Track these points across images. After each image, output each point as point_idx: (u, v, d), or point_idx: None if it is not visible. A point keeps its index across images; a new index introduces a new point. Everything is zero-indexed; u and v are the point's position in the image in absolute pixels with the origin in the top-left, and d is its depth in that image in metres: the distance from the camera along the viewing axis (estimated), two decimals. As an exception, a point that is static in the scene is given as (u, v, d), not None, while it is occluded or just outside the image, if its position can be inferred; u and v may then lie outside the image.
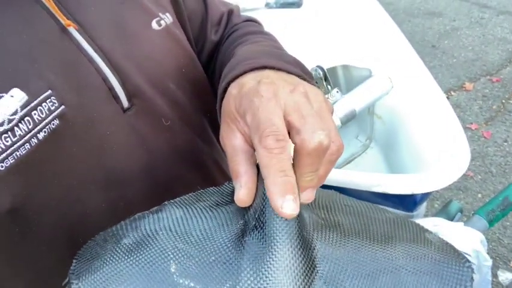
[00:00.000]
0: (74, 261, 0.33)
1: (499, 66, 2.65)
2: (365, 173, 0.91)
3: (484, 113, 2.35)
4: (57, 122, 0.39)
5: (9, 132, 0.36)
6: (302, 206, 0.31)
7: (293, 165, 0.31)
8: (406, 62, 1.15)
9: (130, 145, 0.46)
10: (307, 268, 0.30)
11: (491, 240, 1.77)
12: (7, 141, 0.36)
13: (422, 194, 0.93)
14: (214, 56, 0.60)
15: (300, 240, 0.30)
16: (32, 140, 0.37)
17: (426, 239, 0.34)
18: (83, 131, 0.41)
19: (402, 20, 3.24)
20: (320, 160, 0.31)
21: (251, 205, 0.33)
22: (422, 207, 1.02)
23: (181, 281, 0.30)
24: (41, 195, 0.40)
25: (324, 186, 0.36)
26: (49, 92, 0.38)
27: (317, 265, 0.30)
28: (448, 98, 2.49)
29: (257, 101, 0.32)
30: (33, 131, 0.37)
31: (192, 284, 0.30)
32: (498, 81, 2.54)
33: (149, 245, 0.33)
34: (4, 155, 0.36)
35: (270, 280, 0.29)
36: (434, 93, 1.05)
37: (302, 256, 0.30)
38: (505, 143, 2.16)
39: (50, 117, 0.38)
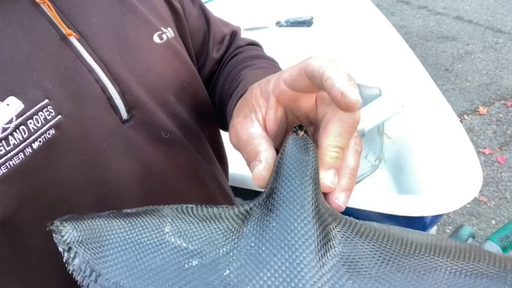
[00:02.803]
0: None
1: (513, 91, 2.63)
2: (373, 194, 0.89)
3: (498, 138, 2.31)
4: (53, 131, 0.38)
5: (3, 141, 0.35)
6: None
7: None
8: (417, 83, 1.14)
9: (127, 157, 0.45)
10: (320, 241, 0.26)
11: (506, 269, 1.72)
12: (0, 150, 0.35)
13: (432, 216, 0.90)
14: (215, 72, 0.60)
15: (315, 214, 0.27)
16: (27, 149, 0.37)
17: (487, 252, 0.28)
18: (80, 142, 0.41)
19: (416, 43, 3.24)
20: (350, 132, 0.30)
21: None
22: (432, 231, 0.99)
23: (172, 239, 0.28)
24: (32, 206, 0.39)
25: None
26: (46, 101, 0.38)
27: (333, 242, 0.26)
28: (461, 121, 2.45)
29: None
30: (27, 141, 0.37)
31: (184, 244, 0.27)
32: (513, 106, 2.51)
33: (150, 211, 0.31)
34: None
35: (273, 245, 0.26)
36: (446, 115, 1.03)
37: (315, 228, 0.26)
38: (520, 169, 2.12)
39: (45, 127, 0.38)
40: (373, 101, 1.05)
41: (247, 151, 0.33)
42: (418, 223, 0.92)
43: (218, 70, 0.60)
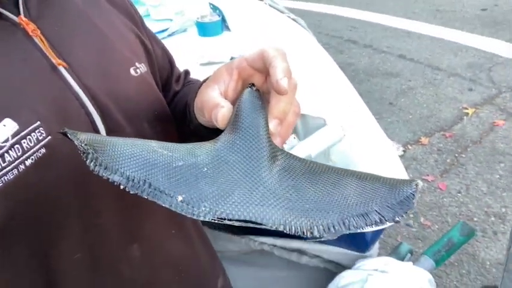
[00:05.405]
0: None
1: (451, 122, 2.84)
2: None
3: (439, 166, 2.48)
4: (44, 150, 0.42)
5: None
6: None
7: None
8: (356, 113, 1.26)
9: None
10: (270, 154, 0.37)
11: (449, 288, 1.82)
12: None
13: (372, 233, 0.98)
14: (172, 101, 0.68)
15: (267, 138, 0.38)
16: (20, 166, 0.40)
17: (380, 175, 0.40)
18: (67, 161, 0.44)
19: (362, 79, 3.44)
20: (293, 95, 0.42)
21: None
22: (375, 248, 1.07)
23: (159, 150, 0.35)
24: (23, 218, 0.42)
25: None
26: (38, 123, 0.42)
27: (278, 157, 0.37)
28: (404, 151, 2.62)
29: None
30: (21, 158, 0.41)
31: (170, 154, 0.35)
32: (451, 136, 2.70)
33: (134, 139, 0.39)
34: None
35: (238, 155, 0.36)
36: (381, 142, 1.14)
37: (267, 146, 0.37)
38: (459, 194, 2.27)
39: (37, 146, 0.42)
40: (319, 130, 1.15)
41: (209, 106, 0.43)
42: (360, 240, 1.00)
43: (176, 97, 0.68)
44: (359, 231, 0.33)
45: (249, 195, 0.33)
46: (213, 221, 0.31)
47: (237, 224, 0.31)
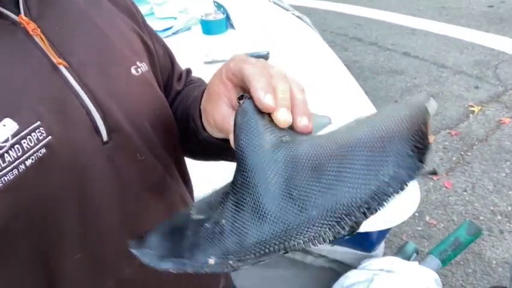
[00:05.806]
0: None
1: (457, 120, 2.82)
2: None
3: (445, 164, 2.46)
4: (44, 150, 0.42)
5: None
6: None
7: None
8: (362, 111, 1.25)
9: (107, 176, 0.49)
10: (272, 176, 0.37)
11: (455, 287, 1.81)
12: None
13: (378, 233, 0.97)
14: (174, 101, 0.68)
15: (269, 157, 0.38)
16: (20, 166, 0.40)
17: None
18: (67, 161, 0.44)
19: (367, 76, 3.43)
20: (285, 79, 0.42)
21: None
22: (381, 248, 1.07)
23: (195, 217, 0.40)
24: (22, 219, 0.42)
25: None
26: (38, 123, 0.42)
27: (280, 170, 0.37)
28: (410, 149, 2.61)
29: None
30: (21, 158, 0.40)
31: (201, 217, 0.40)
32: (457, 134, 2.68)
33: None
34: None
35: (242, 191, 0.37)
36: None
37: (268, 172, 0.37)
38: (465, 193, 2.26)
39: (37, 146, 0.41)
40: (324, 128, 1.14)
41: (225, 129, 0.44)
42: (365, 240, 1.00)
43: (178, 98, 0.67)
44: (386, 205, 0.31)
45: (259, 231, 0.34)
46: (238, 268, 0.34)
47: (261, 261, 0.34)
